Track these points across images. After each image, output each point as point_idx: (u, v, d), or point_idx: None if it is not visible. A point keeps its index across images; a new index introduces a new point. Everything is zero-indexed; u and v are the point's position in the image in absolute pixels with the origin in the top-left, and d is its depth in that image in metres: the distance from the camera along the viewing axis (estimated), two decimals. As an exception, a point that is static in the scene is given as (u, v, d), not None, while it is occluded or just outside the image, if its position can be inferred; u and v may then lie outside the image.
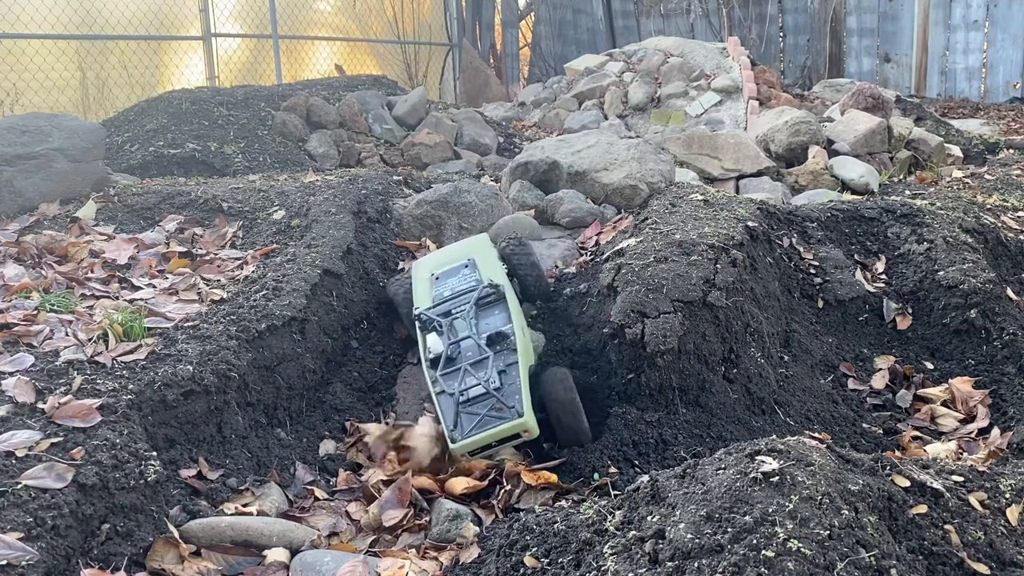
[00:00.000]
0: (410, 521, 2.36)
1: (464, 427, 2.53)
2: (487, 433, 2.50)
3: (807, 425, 2.84)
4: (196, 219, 4.01)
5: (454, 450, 2.52)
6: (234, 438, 2.58)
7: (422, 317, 2.92)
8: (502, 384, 2.60)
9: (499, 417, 2.53)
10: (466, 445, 2.50)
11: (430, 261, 3.31)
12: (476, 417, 2.54)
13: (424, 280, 3.16)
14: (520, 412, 2.52)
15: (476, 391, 2.60)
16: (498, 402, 2.56)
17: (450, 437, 2.53)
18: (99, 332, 2.65)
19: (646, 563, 1.72)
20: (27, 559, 1.79)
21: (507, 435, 2.52)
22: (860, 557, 1.64)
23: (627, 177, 4.08)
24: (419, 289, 3.13)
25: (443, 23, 11.45)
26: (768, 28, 11.47)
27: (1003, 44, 10.70)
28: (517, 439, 2.55)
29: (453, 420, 2.56)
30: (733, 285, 3.00)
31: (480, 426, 2.52)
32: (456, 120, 6.61)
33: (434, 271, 3.19)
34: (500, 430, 2.50)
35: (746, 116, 7.26)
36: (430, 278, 3.16)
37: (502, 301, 2.91)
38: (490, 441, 2.51)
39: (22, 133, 4.18)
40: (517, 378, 2.62)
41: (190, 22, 8.49)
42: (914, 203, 3.89)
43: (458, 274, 3.12)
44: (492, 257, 3.20)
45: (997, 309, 3.21)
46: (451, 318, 2.89)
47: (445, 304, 2.97)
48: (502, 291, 2.94)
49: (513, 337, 2.75)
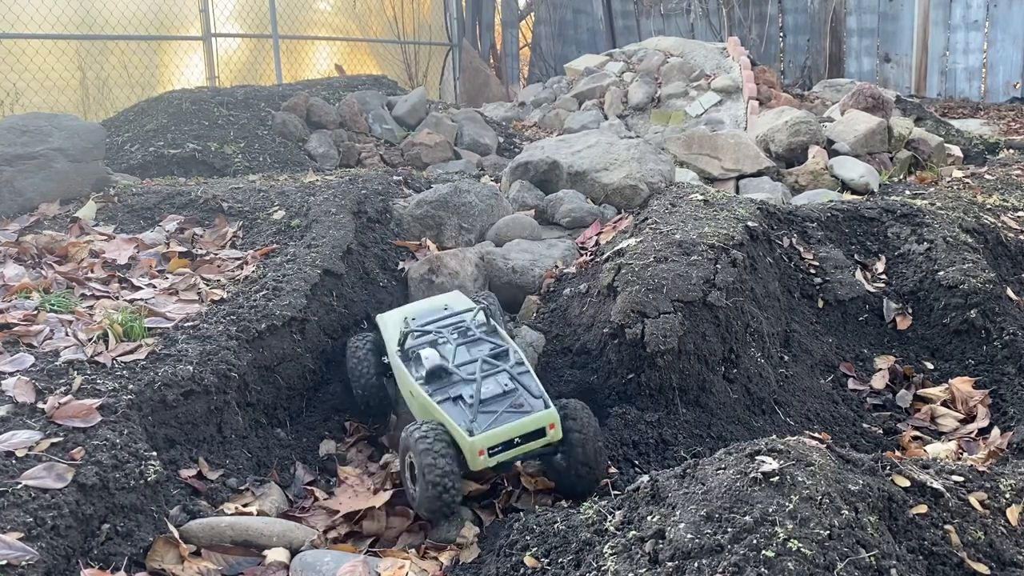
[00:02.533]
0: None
1: (482, 423, 2.31)
2: (511, 426, 2.29)
3: (807, 425, 2.84)
4: (196, 219, 4.01)
5: (472, 445, 2.26)
6: (234, 438, 2.58)
7: (407, 339, 2.69)
8: (518, 386, 2.42)
9: (522, 412, 2.33)
10: (487, 439, 2.26)
11: (398, 312, 2.99)
12: (494, 415, 2.33)
13: (397, 324, 2.86)
14: (547, 403, 2.34)
15: (493, 390, 2.40)
16: (520, 397, 2.37)
17: (467, 430, 2.28)
18: (99, 332, 2.65)
19: (646, 563, 1.72)
20: (27, 559, 1.79)
21: (531, 430, 2.31)
22: (860, 557, 1.64)
23: (627, 177, 4.08)
24: (391, 333, 2.83)
25: (443, 23, 11.45)
26: (768, 28, 11.46)
27: (1003, 44, 10.70)
28: (541, 439, 2.33)
29: (470, 417, 2.32)
30: (733, 285, 3.00)
31: (502, 420, 2.31)
32: (456, 120, 6.61)
33: (407, 315, 2.92)
34: (525, 423, 2.30)
35: (746, 116, 7.26)
36: (403, 320, 2.87)
37: (495, 332, 2.73)
38: (513, 436, 2.29)
39: (22, 133, 4.18)
40: (533, 380, 2.45)
41: (190, 22, 8.49)
42: (914, 203, 3.89)
43: (437, 314, 2.88)
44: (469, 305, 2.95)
45: (997, 309, 3.21)
46: (443, 336, 2.69)
47: (429, 334, 2.72)
48: (494, 325, 2.74)
49: (518, 353, 2.57)
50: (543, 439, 2.34)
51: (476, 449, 2.26)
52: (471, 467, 2.29)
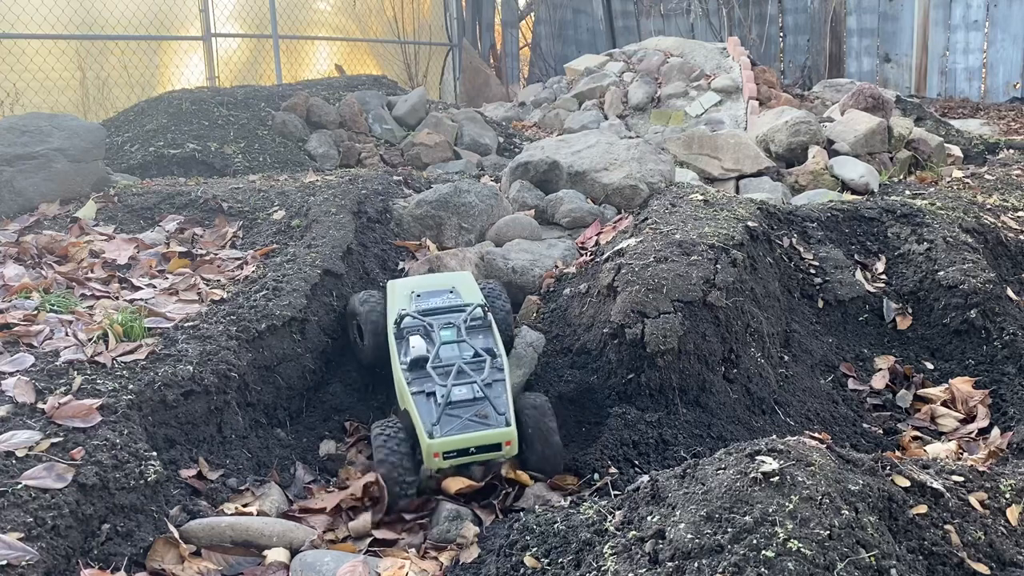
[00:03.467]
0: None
1: (444, 427, 2.45)
2: (469, 436, 2.43)
3: (807, 425, 2.84)
4: (196, 219, 4.01)
5: (429, 446, 2.41)
6: (234, 438, 2.58)
7: (403, 320, 2.84)
8: (487, 396, 2.54)
9: (484, 424, 2.46)
10: (444, 444, 2.40)
11: (410, 282, 3.19)
12: (459, 420, 2.46)
13: (403, 296, 3.05)
14: (508, 421, 2.47)
15: (463, 395, 2.53)
16: (485, 408, 2.50)
17: (428, 431, 2.43)
18: (99, 332, 2.65)
19: (646, 563, 1.72)
20: (27, 559, 1.79)
21: (488, 443, 2.44)
22: (860, 557, 1.64)
23: (627, 177, 4.08)
24: (397, 302, 3.01)
25: (443, 23, 11.46)
26: (768, 28, 11.47)
27: (1003, 44, 10.70)
28: (495, 451, 2.46)
29: (435, 417, 2.47)
30: (733, 285, 3.00)
31: (463, 428, 2.44)
32: (456, 120, 6.61)
33: (415, 290, 3.09)
34: (484, 435, 2.43)
35: (746, 116, 7.26)
36: (410, 294, 3.05)
37: (488, 328, 2.85)
38: (470, 445, 2.42)
39: (22, 133, 4.18)
40: (504, 393, 2.57)
41: (190, 22, 8.49)
42: (914, 203, 3.89)
43: (441, 296, 3.03)
44: (476, 290, 3.10)
45: (997, 309, 3.21)
46: (435, 329, 2.81)
47: (428, 315, 2.88)
48: (489, 319, 2.87)
49: (500, 358, 2.70)
50: (498, 452, 2.47)
51: (432, 451, 2.42)
52: (426, 464, 2.47)
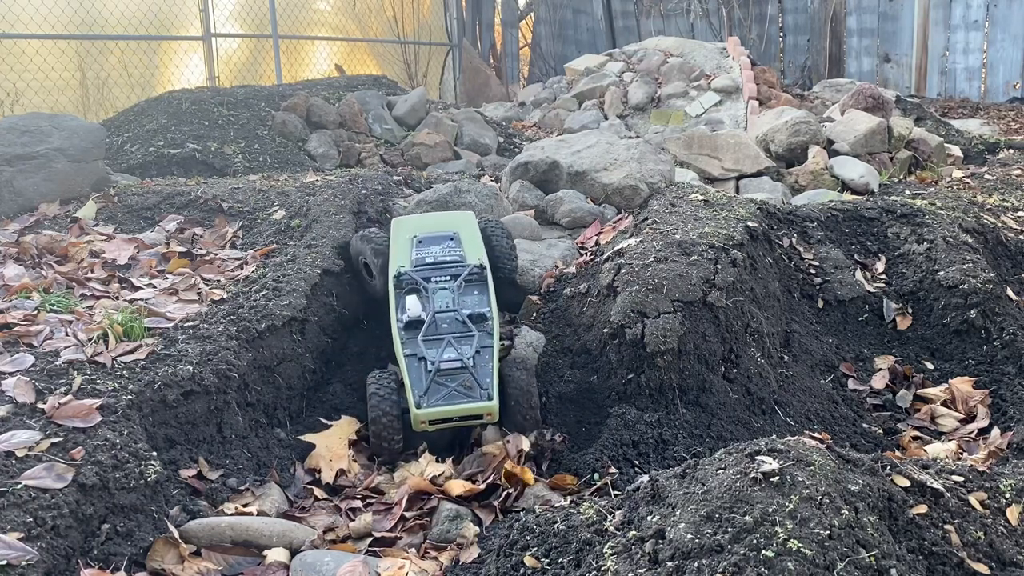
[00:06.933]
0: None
1: (432, 396, 2.59)
2: (454, 408, 2.58)
3: (807, 425, 2.84)
4: (196, 219, 4.01)
5: (417, 415, 2.56)
6: (234, 438, 2.58)
7: (402, 277, 2.95)
8: (475, 364, 2.68)
9: (468, 395, 2.61)
10: (430, 414, 2.57)
11: (412, 222, 3.29)
12: (446, 389, 2.61)
13: (405, 240, 3.15)
14: (490, 396, 2.60)
15: (453, 364, 2.67)
16: (471, 380, 2.63)
17: (416, 402, 2.58)
18: (99, 332, 2.65)
19: (646, 563, 1.72)
20: (27, 559, 1.79)
21: (471, 414, 2.60)
22: (860, 557, 1.64)
23: (627, 177, 4.08)
24: (398, 248, 3.12)
25: (443, 23, 11.45)
26: (768, 28, 11.46)
27: (1003, 44, 10.70)
28: (478, 420, 2.63)
29: (423, 387, 2.61)
30: (733, 285, 3.00)
31: (448, 399, 2.59)
32: (456, 120, 6.61)
33: (416, 233, 3.19)
34: (467, 408, 2.58)
35: (746, 116, 7.26)
36: (411, 239, 3.15)
37: (484, 284, 2.97)
38: (453, 416, 2.59)
39: (22, 133, 4.18)
40: (490, 362, 2.70)
41: (190, 22, 8.49)
42: (914, 203, 3.89)
43: (442, 244, 3.13)
44: (477, 237, 3.21)
45: (997, 309, 3.21)
46: (432, 286, 2.93)
47: (426, 270, 2.99)
48: (486, 274, 3.00)
49: (491, 321, 2.82)
50: (480, 421, 2.65)
51: (419, 420, 2.59)
52: (412, 427, 2.62)
